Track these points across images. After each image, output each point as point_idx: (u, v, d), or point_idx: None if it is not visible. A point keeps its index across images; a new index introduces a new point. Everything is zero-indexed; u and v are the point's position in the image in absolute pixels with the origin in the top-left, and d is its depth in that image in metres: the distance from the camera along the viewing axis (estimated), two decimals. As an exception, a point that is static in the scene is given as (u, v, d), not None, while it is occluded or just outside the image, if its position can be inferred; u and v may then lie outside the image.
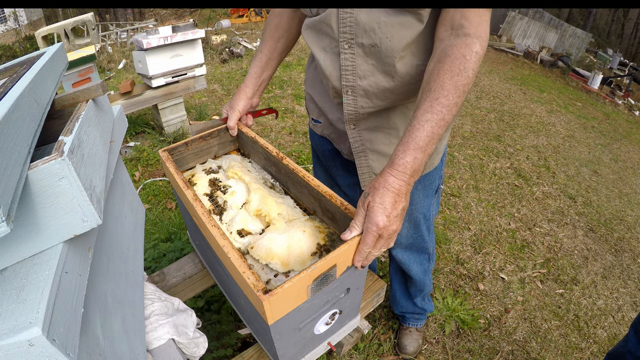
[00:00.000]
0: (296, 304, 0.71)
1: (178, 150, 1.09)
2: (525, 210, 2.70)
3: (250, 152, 1.16)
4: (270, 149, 1.01)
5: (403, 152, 0.69)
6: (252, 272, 0.66)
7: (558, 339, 1.74)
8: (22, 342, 0.39)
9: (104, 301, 0.66)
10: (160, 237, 1.97)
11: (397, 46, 0.80)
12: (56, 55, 0.78)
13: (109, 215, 0.80)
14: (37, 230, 0.49)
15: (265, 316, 0.67)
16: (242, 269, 0.67)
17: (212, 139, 1.15)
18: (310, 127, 1.22)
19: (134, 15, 14.65)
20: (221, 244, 0.72)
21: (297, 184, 0.96)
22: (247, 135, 1.11)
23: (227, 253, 0.70)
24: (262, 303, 0.62)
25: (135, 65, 2.82)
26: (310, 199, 0.94)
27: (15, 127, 0.46)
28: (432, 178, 1.12)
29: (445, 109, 0.69)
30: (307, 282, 0.68)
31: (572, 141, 4.27)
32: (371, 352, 1.57)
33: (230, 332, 1.49)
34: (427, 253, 1.32)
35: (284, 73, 5.00)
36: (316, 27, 0.89)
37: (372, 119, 0.96)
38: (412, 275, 1.36)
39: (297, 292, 0.68)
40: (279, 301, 0.66)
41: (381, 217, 0.67)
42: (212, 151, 1.19)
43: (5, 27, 12.88)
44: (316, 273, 0.68)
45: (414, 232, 1.24)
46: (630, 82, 8.39)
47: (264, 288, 0.63)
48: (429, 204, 1.18)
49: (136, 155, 2.83)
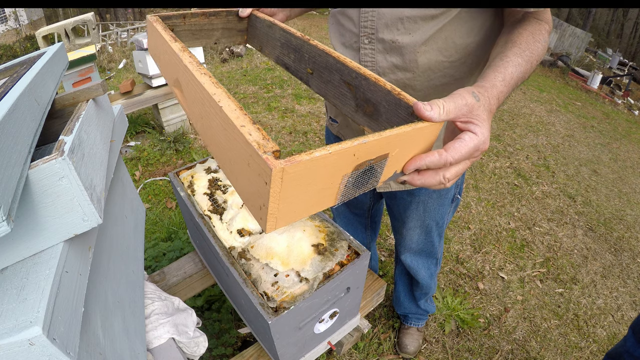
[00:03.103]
0: (318, 205, 0.43)
1: (172, 22, 0.87)
2: (525, 210, 2.70)
3: (263, 41, 0.93)
4: (293, 31, 0.80)
5: (501, 79, 0.58)
6: (257, 127, 0.38)
7: (557, 338, 1.75)
8: (22, 341, 0.39)
9: (105, 300, 0.66)
10: (160, 237, 1.97)
11: (419, 40, 0.77)
12: (56, 55, 0.78)
13: (109, 214, 0.80)
14: (38, 229, 0.49)
15: (266, 206, 0.37)
16: (240, 121, 0.39)
17: (217, 19, 0.92)
18: (327, 127, 1.21)
19: (135, 15, 14.64)
20: (211, 92, 0.44)
21: (326, 69, 0.72)
22: (262, 19, 0.89)
23: (219, 102, 0.42)
24: (269, 173, 0.33)
25: (135, 64, 2.82)
26: (342, 89, 0.69)
27: (15, 127, 0.46)
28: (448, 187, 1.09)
29: (530, 63, 0.62)
30: (346, 166, 0.41)
31: (571, 141, 4.27)
32: (371, 351, 1.57)
33: (230, 331, 1.49)
34: (435, 258, 1.32)
35: (284, 73, 5.00)
36: (338, 21, 0.88)
37: None
38: (419, 279, 1.36)
39: (328, 179, 0.40)
40: (297, 181, 0.37)
41: (487, 133, 0.50)
42: (213, 36, 0.94)
43: (6, 27, 12.88)
44: (363, 155, 0.41)
45: (425, 238, 1.23)
46: (630, 81, 8.38)
47: (275, 151, 0.35)
48: (443, 212, 1.16)
49: (136, 154, 2.83)
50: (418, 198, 1.09)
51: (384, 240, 2.17)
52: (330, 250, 0.89)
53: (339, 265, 0.87)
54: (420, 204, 1.11)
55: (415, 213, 1.14)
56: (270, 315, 0.76)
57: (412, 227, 1.19)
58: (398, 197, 1.13)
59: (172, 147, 2.90)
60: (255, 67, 5.30)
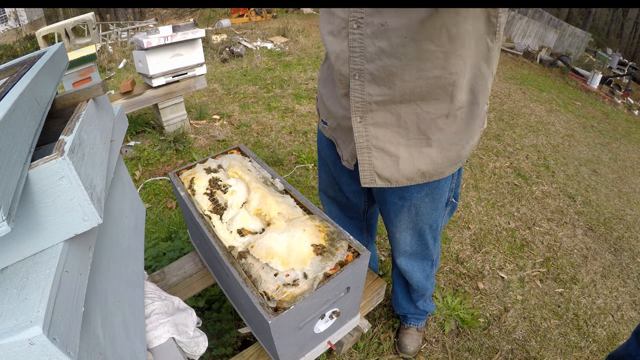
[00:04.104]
0: None
1: None
2: (525, 210, 2.70)
3: None
4: None
5: None
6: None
7: (557, 338, 1.75)
8: (22, 341, 0.39)
9: (105, 300, 0.66)
10: (160, 236, 1.97)
11: (408, 23, 0.75)
12: (57, 55, 0.78)
13: (109, 214, 0.80)
14: (38, 229, 0.49)
15: None
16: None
17: None
18: (319, 130, 1.20)
19: (135, 15, 14.64)
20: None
21: None
22: None
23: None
24: None
25: (135, 64, 2.82)
26: None
27: (15, 127, 0.46)
28: (441, 190, 1.06)
29: None
30: None
31: (571, 140, 4.27)
32: (371, 350, 1.57)
33: (231, 331, 1.49)
34: (430, 260, 1.30)
35: (284, 72, 5.00)
36: (329, 9, 0.87)
37: (381, 114, 0.90)
38: (414, 283, 1.34)
39: None
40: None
41: None
42: None
43: (6, 27, 12.87)
44: None
45: (418, 241, 1.21)
46: (630, 81, 8.38)
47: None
48: (437, 216, 1.13)
49: (136, 154, 2.83)
50: (410, 202, 1.07)
51: (384, 240, 2.17)
52: (330, 250, 0.89)
53: (339, 265, 0.87)
54: (412, 207, 1.09)
55: (407, 217, 1.12)
56: (270, 315, 0.76)
57: (404, 230, 1.17)
58: (389, 202, 1.12)
59: (172, 147, 2.90)
60: (255, 67, 5.30)
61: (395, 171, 0.95)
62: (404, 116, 0.90)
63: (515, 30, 11.92)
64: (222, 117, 3.55)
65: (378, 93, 0.87)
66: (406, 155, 0.93)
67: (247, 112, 3.74)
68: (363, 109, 0.90)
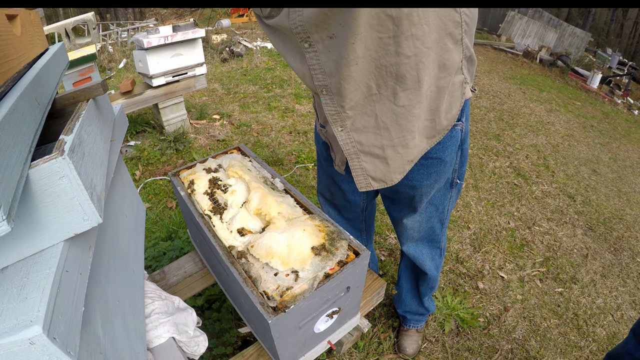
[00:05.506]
0: None
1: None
2: (525, 209, 2.70)
3: None
4: None
5: None
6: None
7: (557, 338, 1.75)
8: (22, 340, 0.39)
9: (105, 300, 0.66)
10: (160, 236, 1.97)
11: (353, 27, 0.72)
12: (57, 55, 0.78)
13: (109, 214, 0.80)
14: (38, 229, 0.49)
15: None
16: None
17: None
18: (317, 132, 1.21)
19: (135, 15, 14.63)
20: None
21: None
22: None
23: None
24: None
25: (135, 64, 2.82)
26: None
27: (16, 126, 0.46)
28: (446, 172, 1.04)
29: None
30: None
31: (571, 140, 4.27)
32: (371, 350, 1.58)
33: (231, 331, 1.49)
34: (439, 248, 1.29)
35: (284, 72, 5.00)
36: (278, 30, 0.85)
37: (358, 118, 0.90)
38: (426, 270, 1.32)
39: None
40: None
41: None
42: None
43: (5, 27, 12.84)
44: None
45: (426, 224, 1.19)
46: (629, 81, 8.38)
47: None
48: (442, 196, 1.12)
49: (137, 154, 2.83)
50: (420, 191, 1.07)
51: (384, 240, 2.17)
52: (330, 250, 0.89)
53: (339, 265, 0.87)
54: (423, 195, 1.09)
55: (416, 202, 1.12)
56: (270, 314, 0.76)
57: (411, 214, 1.16)
58: (400, 192, 1.11)
59: (172, 146, 2.90)
60: (255, 66, 5.30)
61: (387, 171, 0.96)
62: (380, 116, 0.88)
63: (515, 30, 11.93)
64: (222, 117, 3.55)
65: (348, 100, 0.86)
66: (393, 155, 0.94)
67: (247, 112, 3.74)
68: (340, 117, 0.91)
